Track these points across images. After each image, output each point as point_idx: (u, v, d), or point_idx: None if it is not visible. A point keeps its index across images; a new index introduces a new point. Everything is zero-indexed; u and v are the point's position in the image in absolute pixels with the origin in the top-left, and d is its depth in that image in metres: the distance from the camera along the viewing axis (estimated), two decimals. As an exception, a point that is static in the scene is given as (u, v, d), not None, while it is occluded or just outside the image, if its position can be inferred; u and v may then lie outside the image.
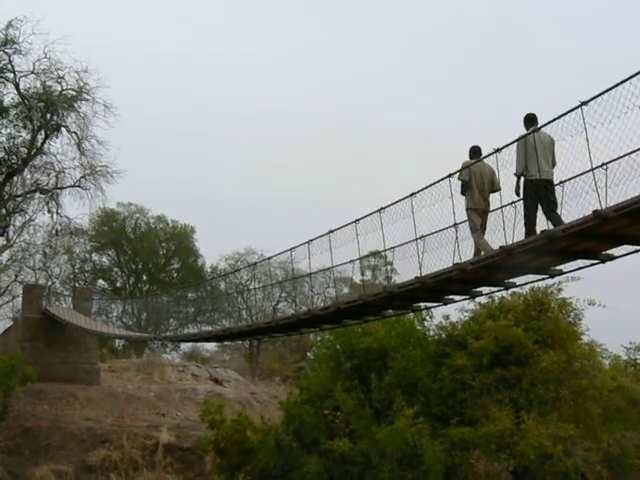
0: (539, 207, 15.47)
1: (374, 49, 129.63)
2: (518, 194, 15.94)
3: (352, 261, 22.22)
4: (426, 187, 17.74)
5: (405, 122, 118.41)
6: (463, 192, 17.18)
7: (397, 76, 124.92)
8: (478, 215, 17.09)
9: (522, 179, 15.76)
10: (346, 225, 21.13)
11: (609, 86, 12.90)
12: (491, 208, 17.15)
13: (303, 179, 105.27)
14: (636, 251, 14.98)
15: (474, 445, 26.89)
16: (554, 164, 15.55)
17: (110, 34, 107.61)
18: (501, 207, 16.31)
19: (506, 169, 15.82)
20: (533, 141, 15.25)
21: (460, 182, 17.11)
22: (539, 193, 15.35)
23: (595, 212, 13.36)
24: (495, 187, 16.99)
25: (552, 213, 15.22)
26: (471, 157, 17.30)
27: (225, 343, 57.30)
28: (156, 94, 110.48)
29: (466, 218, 17.31)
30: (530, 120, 15.78)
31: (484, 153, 16.96)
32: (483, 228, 17.19)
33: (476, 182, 16.96)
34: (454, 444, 27.04)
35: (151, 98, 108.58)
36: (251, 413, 34.93)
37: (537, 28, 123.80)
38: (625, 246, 15.16)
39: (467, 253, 17.31)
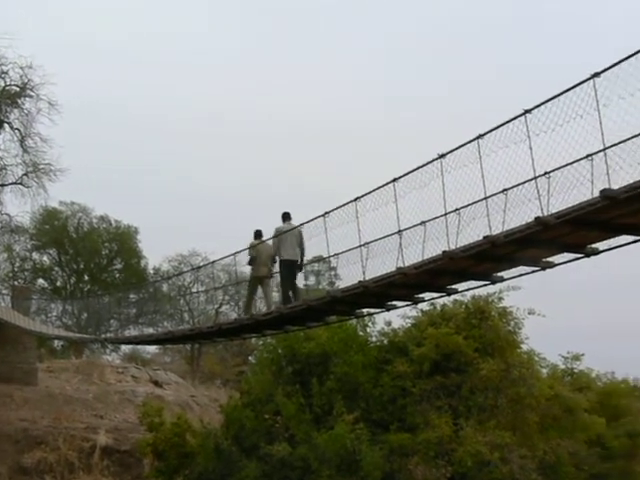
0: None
1: (340, 50, 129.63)
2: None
3: (301, 261, 22.17)
4: (370, 192, 17.79)
5: (360, 123, 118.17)
6: (250, 264, 22.22)
7: (360, 77, 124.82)
8: (259, 282, 22.42)
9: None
10: (291, 229, 21.12)
11: (553, 95, 13.07)
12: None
13: (252, 177, 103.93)
14: (576, 259, 15.19)
15: (413, 451, 27.08)
16: (302, 250, 20.97)
17: (59, 26, 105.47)
18: (445, 214, 16.35)
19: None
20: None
21: (249, 257, 22.14)
22: (287, 269, 20.94)
23: (537, 219, 13.52)
24: (274, 260, 21.63)
25: (294, 285, 21.22)
26: (255, 238, 22.16)
27: (166, 345, 56.84)
28: (107, 87, 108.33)
29: (408, 225, 17.63)
30: (285, 216, 21.27)
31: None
32: (265, 291, 22.60)
33: (260, 258, 21.80)
34: (393, 450, 27.19)
35: (100, 92, 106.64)
36: (191, 416, 34.67)
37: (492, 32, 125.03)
38: (566, 254, 15.36)
39: (411, 258, 17.37)
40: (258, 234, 22.19)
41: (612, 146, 12.44)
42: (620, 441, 32.90)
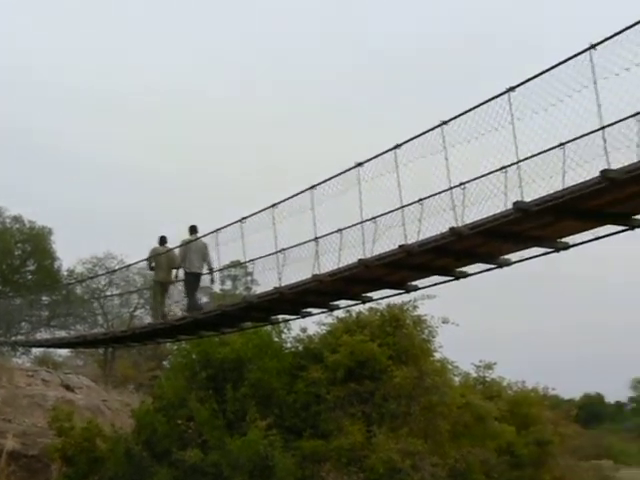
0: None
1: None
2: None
3: (211, 272, 22.10)
4: (288, 198, 17.81)
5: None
6: (151, 269, 23.31)
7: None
8: (161, 286, 23.09)
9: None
10: (206, 234, 21.01)
11: (470, 107, 13.25)
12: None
13: (168, 180, 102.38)
14: (488, 269, 15.39)
15: (325, 458, 27.10)
16: (208, 263, 21.58)
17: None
18: (361, 222, 16.40)
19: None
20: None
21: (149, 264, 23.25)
22: (191, 280, 21.61)
23: (452, 229, 13.66)
24: (175, 266, 22.44)
25: (195, 296, 22.10)
26: (160, 244, 22.86)
27: (79, 349, 55.85)
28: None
29: (325, 232, 17.66)
30: (192, 229, 21.75)
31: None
32: (164, 295, 23.33)
33: (161, 264, 22.54)
34: (306, 456, 27.16)
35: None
36: (102, 421, 34.07)
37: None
38: (479, 264, 15.55)
39: (327, 266, 17.41)
40: (162, 240, 22.88)
41: (525, 159, 12.66)
42: (529, 449, 33.47)
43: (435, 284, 17.01)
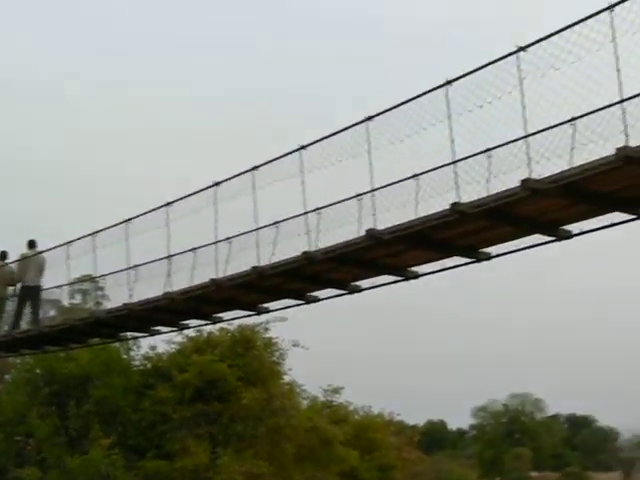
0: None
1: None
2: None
3: (61, 286, 21.55)
4: (142, 214, 17.52)
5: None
6: None
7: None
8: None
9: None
10: (57, 246, 20.41)
11: (329, 133, 13.38)
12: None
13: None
14: (339, 295, 15.51)
15: (169, 478, 26.83)
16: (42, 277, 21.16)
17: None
18: (215, 242, 16.28)
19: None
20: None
21: None
22: (30, 295, 21.03)
23: (305, 253, 13.71)
24: (13, 283, 21.74)
25: (35, 309, 21.12)
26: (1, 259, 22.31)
27: None
28: None
29: (179, 250, 17.50)
30: (31, 244, 21.38)
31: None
32: (2, 311, 22.24)
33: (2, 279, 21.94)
34: (149, 477, 26.86)
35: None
36: None
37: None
38: (331, 289, 15.65)
39: (179, 284, 17.17)
40: (2, 255, 22.40)
41: (380, 188, 12.83)
42: (372, 474, 33.96)
43: (287, 307, 16.98)
